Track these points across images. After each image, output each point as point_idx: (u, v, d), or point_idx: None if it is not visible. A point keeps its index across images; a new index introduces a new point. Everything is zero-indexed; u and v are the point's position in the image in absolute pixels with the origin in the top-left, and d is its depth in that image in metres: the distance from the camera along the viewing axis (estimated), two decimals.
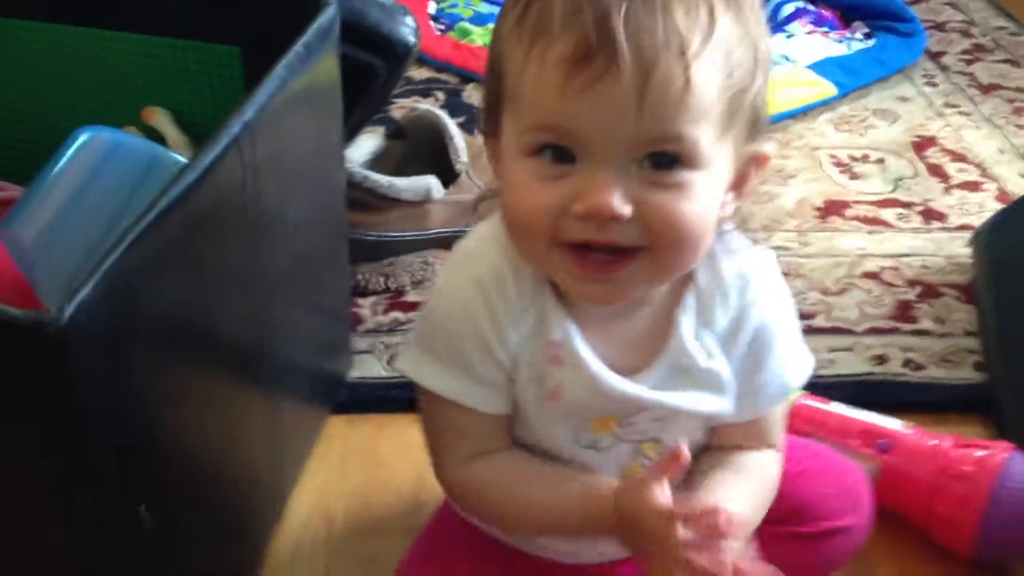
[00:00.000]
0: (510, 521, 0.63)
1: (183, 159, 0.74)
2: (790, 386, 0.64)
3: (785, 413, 0.67)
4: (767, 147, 0.57)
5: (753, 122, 0.55)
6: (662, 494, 0.54)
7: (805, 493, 0.69)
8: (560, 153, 0.52)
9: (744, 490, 0.61)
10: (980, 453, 0.78)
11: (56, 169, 0.71)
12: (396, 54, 0.89)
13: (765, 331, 0.61)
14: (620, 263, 0.54)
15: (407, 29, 0.91)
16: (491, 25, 1.62)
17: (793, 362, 0.63)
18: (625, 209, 0.51)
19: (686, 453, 0.55)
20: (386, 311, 1.01)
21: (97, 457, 0.51)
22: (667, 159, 0.52)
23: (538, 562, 0.68)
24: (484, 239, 0.60)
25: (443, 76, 1.46)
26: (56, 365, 0.48)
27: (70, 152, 0.72)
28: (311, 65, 0.73)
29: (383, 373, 0.94)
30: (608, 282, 0.55)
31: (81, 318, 0.48)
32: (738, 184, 0.56)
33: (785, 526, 0.68)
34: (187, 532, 0.62)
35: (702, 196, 0.53)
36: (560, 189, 0.52)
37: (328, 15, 0.76)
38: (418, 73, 1.46)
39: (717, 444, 0.65)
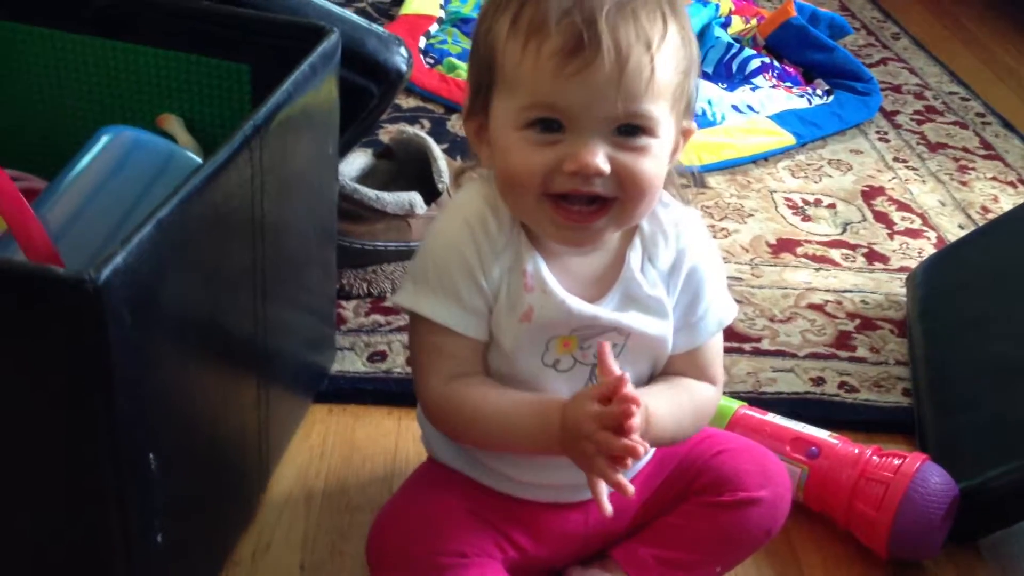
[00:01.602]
0: (477, 434, 0.72)
1: (197, 159, 0.82)
2: (723, 321, 0.76)
3: (721, 350, 0.77)
4: (693, 124, 0.71)
5: (687, 104, 0.69)
6: (597, 404, 0.65)
7: (725, 468, 0.78)
8: (549, 125, 0.65)
9: (671, 398, 0.72)
10: (897, 461, 0.87)
11: (83, 162, 0.79)
12: (389, 80, 0.98)
13: (697, 271, 0.74)
14: (597, 214, 0.67)
15: (400, 58, 0.99)
16: None
17: (724, 301, 0.76)
18: (606, 166, 0.64)
19: (621, 374, 0.65)
20: (367, 313, 1.09)
21: (119, 402, 0.58)
22: (633, 129, 0.65)
23: (506, 500, 0.76)
24: (470, 191, 0.73)
25: (429, 106, 1.55)
26: (92, 316, 0.55)
27: (96, 147, 0.79)
28: (314, 84, 0.82)
29: (362, 368, 1.02)
30: (584, 230, 0.68)
31: (114, 280, 0.55)
32: (673, 152, 0.70)
33: (708, 496, 0.77)
34: (183, 484, 0.69)
35: (658, 156, 0.66)
36: (552, 152, 0.65)
37: (331, 41, 0.84)
38: (406, 102, 1.55)
39: (663, 374, 0.75)
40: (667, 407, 0.71)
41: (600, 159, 0.64)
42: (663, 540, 0.77)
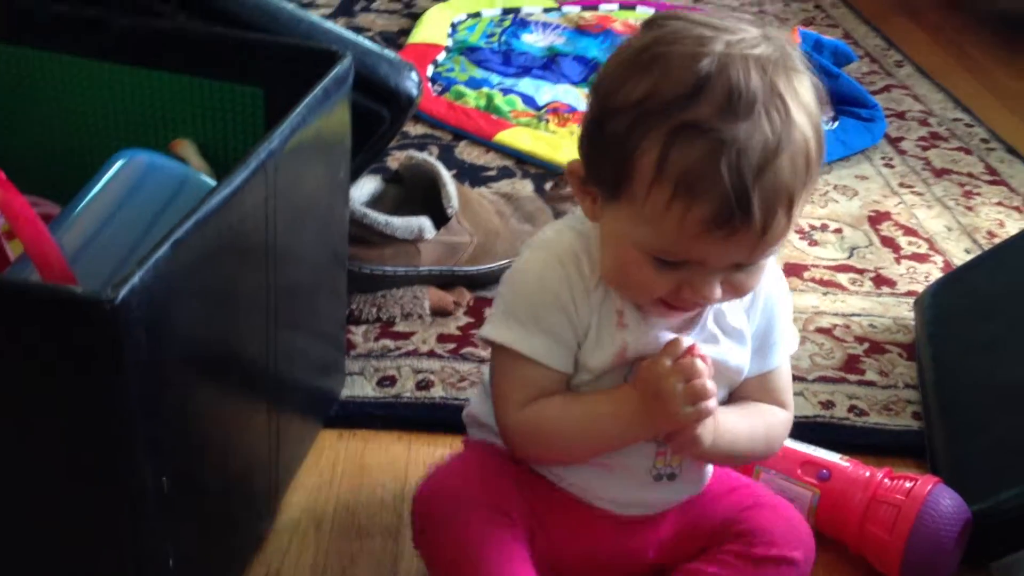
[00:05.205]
0: (561, 441, 0.73)
1: (211, 182, 0.83)
2: (792, 348, 0.79)
3: (790, 378, 0.79)
4: None
5: None
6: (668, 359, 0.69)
7: (760, 521, 0.77)
8: (674, 263, 0.65)
9: (743, 412, 0.75)
10: (909, 484, 0.86)
11: (98, 186, 0.79)
12: (400, 104, 0.99)
13: (771, 300, 0.76)
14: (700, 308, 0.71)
15: (411, 83, 1.00)
16: (485, 89, 1.74)
17: (791, 328, 0.79)
18: (720, 293, 0.67)
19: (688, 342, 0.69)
20: (377, 339, 1.09)
21: (134, 423, 0.59)
22: None
23: (560, 495, 0.77)
24: (561, 229, 0.73)
25: (437, 133, 1.56)
26: (109, 337, 0.55)
27: (111, 171, 0.80)
28: (327, 108, 0.82)
29: (371, 393, 1.02)
30: (690, 315, 0.71)
31: (131, 300, 0.55)
32: None
33: (740, 545, 0.76)
34: (195, 508, 0.69)
35: (766, 266, 0.69)
36: (670, 278, 0.66)
37: (344, 65, 0.85)
38: (415, 129, 1.56)
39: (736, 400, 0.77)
40: (738, 418, 0.74)
41: (718, 292, 0.66)
42: None
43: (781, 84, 0.62)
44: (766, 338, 0.76)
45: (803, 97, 0.63)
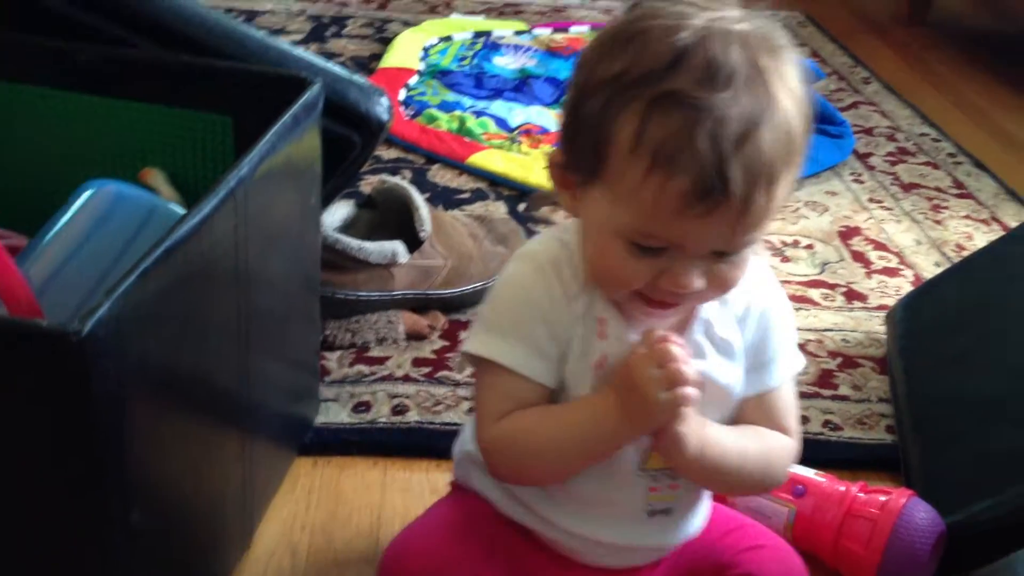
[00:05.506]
0: (537, 455, 0.69)
1: (180, 211, 0.82)
2: (794, 368, 0.74)
3: (794, 403, 0.74)
4: None
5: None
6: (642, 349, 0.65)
7: (758, 564, 0.76)
8: (652, 248, 0.63)
9: (736, 433, 0.71)
10: (883, 498, 0.87)
11: (65, 217, 0.79)
12: (371, 129, 0.99)
13: (768, 313, 0.72)
14: (682, 303, 0.67)
15: (381, 108, 1.01)
16: (457, 112, 1.74)
17: (793, 347, 0.74)
18: (702, 284, 0.64)
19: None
20: (351, 364, 1.09)
21: (101, 456, 0.58)
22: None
23: (533, 543, 0.74)
24: (545, 240, 0.71)
25: (410, 156, 1.56)
26: (76, 369, 0.55)
27: (79, 202, 0.80)
28: (297, 134, 0.82)
29: (347, 419, 1.01)
30: (672, 313, 0.68)
31: (98, 332, 0.55)
32: None
33: None
34: (166, 540, 0.69)
35: (749, 259, 0.66)
36: (650, 266, 0.63)
37: (313, 92, 0.85)
38: (387, 153, 1.56)
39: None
40: (728, 432, 0.70)
41: (698, 281, 0.63)
42: None
43: (763, 61, 0.60)
44: (761, 354, 0.72)
45: (787, 77, 0.61)
